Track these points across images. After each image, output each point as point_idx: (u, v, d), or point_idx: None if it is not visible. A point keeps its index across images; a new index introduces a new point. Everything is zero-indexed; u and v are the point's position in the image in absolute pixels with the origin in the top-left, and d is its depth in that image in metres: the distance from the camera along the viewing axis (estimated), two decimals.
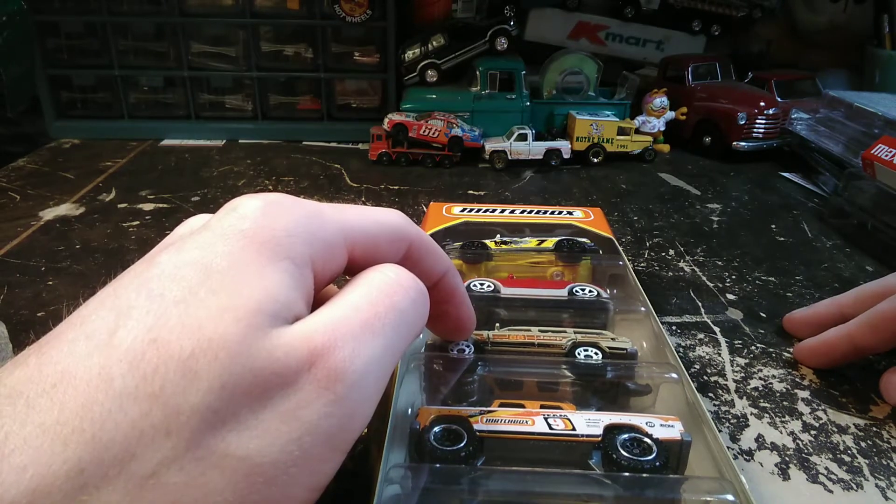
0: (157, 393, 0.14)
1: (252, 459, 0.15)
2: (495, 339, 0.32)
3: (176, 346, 0.15)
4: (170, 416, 0.14)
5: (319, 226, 0.20)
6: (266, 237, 0.18)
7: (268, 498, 0.16)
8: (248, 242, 0.18)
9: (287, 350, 0.16)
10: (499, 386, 0.31)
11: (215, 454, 0.15)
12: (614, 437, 0.25)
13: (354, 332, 0.18)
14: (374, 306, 0.19)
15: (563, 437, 0.25)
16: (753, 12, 0.93)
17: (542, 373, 0.30)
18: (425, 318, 0.22)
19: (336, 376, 0.17)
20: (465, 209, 0.47)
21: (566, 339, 0.32)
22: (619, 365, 0.30)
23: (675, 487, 0.23)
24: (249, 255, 0.17)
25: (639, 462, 0.24)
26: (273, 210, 0.19)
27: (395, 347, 0.20)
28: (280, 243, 0.18)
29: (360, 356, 0.17)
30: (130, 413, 0.14)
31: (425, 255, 0.24)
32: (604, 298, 0.37)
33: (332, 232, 0.20)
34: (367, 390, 0.18)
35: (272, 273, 0.17)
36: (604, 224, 0.46)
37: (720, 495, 0.23)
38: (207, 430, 0.15)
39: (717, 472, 0.24)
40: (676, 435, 0.25)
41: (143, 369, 0.15)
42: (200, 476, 0.15)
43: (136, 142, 0.79)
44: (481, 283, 0.38)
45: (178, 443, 0.14)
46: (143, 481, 0.14)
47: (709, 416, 0.27)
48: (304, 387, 0.16)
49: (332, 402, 0.17)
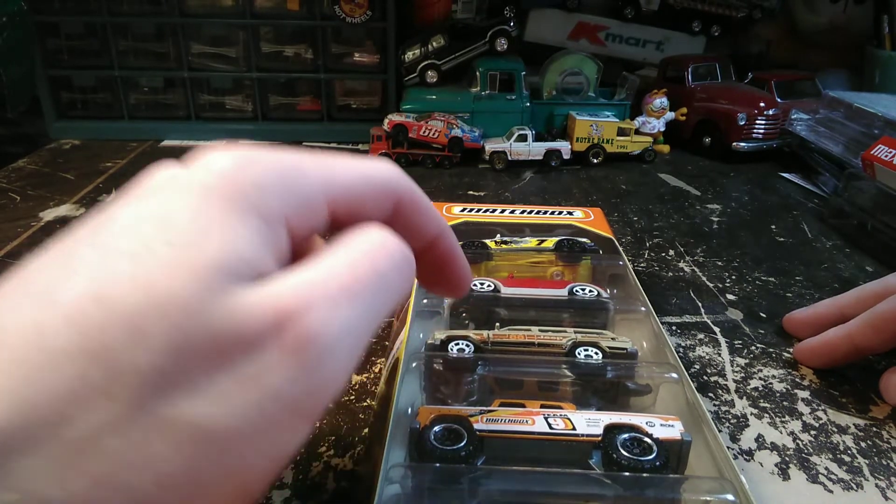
0: (99, 352, 0.13)
1: (204, 425, 0.14)
2: (495, 339, 0.32)
3: (123, 303, 0.14)
4: (112, 377, 0.13)
5: (296, 180, 0.18)
6: (234, 191, 0.17)
7: (222, 466, 0.14)
8: (215, 196, 0.16)
9: (250, 310, 0.15)
10: (499, 385, 0.31)
11: (162, 419, 0.14)
12: (614, 437, 0.25)
13: (330, 294, 0.17)
14: (353, 269, 0.18)
15: (563, 436, 0.25)
16: (753, 13, 0.93)
17: (543, 372, 0.30)
18: (410, 284, 0.21)
19: (306, 341, 0.15)
20: (466, 209, 0.48)
21: (566, 339, 0.32)
22: (619, 365, 0.30)
23: (676, 487, 0.23)
24: (214, 208, 0.16)
25: (639, 462, 0.24)
26: (244, 163, 0.17)
27: (374, 314, 0.18)
28: (249, 198, 0.17)
29: (335, 321, 0.16)
30: (66, 372, 0.13)
31: (416, 213, 0.22)
32: (604, 298, 0.37)
33: (311, 187, 0.19)
34: (340, 358, 0.17)
35: (238, 228, 0.16)
36: (604, 224, 0.46)
37: (720, 495, 0.23)
38: (154, 394, 0.14)
39: (718, 471, 0.25)
40: (676, 435, 0.25)
41: (84, 326, 0.13)
42: (144, 442, 0.13)
43: (137, 142, 0.79)
44: (481, 282, 0.38)
45: (119, 406, 0.13)
46: (78, 446, 0.13)
47: (709, 416, 0.27)
48: (268, 351, 0.15)
49: (299, 368, 0.15)
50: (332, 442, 0.31)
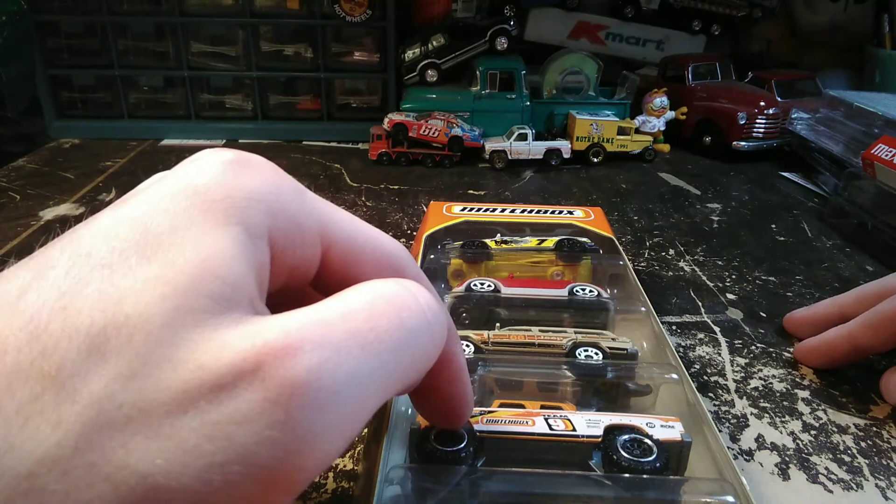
0: (54, 373, 0.12)
1: (156, 479, 0.12)
2: (495, 340, 0.32)
3: (86, 318, 0.12)
4: (62, 402, 0.12)
5: (292, 199, 0.16)
6: (219, 196, 0.15)
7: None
8: (198, 201, 0.15)
9: (225, 343, 0.13)
10: (499, 386, 0.31)
11: (110, 462, 0.12)
12: (615, 438, 0.25)
13: (334, 338, 0.14)
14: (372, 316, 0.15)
15: (563, 437, 0.25)
16: (753, 12, 0.93)
17: (543, 373, 0.30)
18: (438, 352, 0.18)
19: (292, 388, 0.13)
20: (466, 208, 0.47)
21: (566, 340, 0.32)
22: (619, 365, 0.30)
23: (676, 489, 0.23)
24: (195, 215, 0.14)
25: (639, 463, 0.24)
26: (238, 168, 0.16)
27: (393, 375, 0.15)
28: (235, 205, 0.15)
29: (337, 371, 0.13)
30: (18, 394, 0.12)
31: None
32: (604, 298, 0.37)
33: (307, 214, 0.17)
34: (338, 417, 0.13)
35: (217, 239, 0.14)
36: (604, 224, 0.46)
37: (720, 496, 0.23)
38: (106, 429, 0.12)
39: (718, 472, 0.25)
40: (677, 436, 0.25)
41: (44, 342, 0.12)
42: (87, 488, 0.11)
43: (136, 142, 0.79)
44: (481, 282, 0.38)
45: (65, 438, 0.11)
46: (14, 484, 0.11)
47: (709, 417, 0.27)
48: (242, 395, 0.12)
49: (279, 424, 0.12)
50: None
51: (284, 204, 0.16)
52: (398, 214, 0.59)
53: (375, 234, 0.19)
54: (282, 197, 0.16)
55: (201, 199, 0.15)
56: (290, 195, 0.17)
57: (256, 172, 0.16)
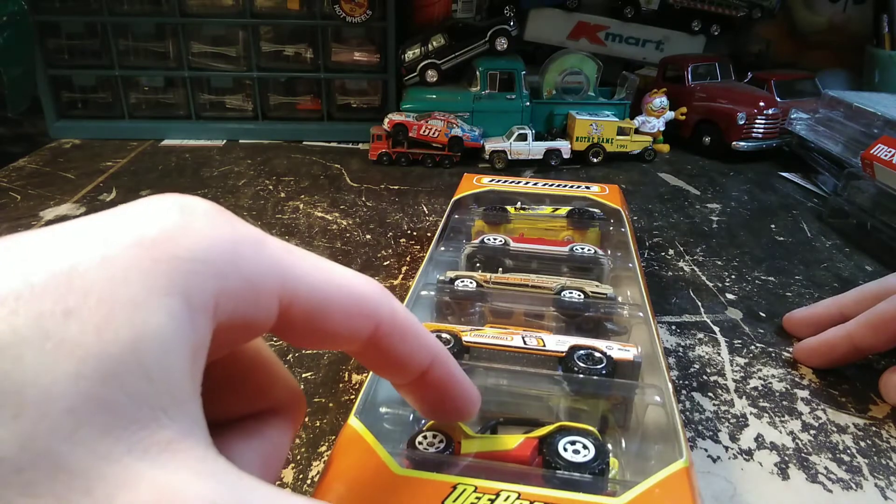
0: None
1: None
2: (496, 280, 0.37)
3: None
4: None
5: (247, 258, 0.15)
6: (165, 255, 0.13)
7: None
8: (143, 257, 0.13)
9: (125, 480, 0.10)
10: (492, 315, 0.36)
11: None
12: (574, 352, 0.29)
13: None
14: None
15: (534, 350, 0.30)
16: (753, 12, 0.93)
17: (531, 309, 0.36)
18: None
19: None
20: (494, 179, 0.53)
21: (556, 284, 0.36)
22: (598, 305, 0.35)
23: (616, 387, 0.28)
24: (129, 275, 0.12)
25: (589, 370, 0.28)
26: (189, 220, 0.14)
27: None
28: (179, 268, 0.13)
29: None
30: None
31: (401, 341, 0.18)
32: (600, 255, 0.41)
33: (264, 271, 0.15)
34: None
35: (153, 315, 0.12)
36: (616, 198, 0.49)
37: (652, 395, 0.27)
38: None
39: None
40: (630, 356, 0.29)
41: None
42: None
43: (137, 142, 0.79)
44: (494, 237, 0.42)
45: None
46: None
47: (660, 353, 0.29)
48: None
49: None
50: (332, 442, 0.31)
51: (238, 263, 0.14)
52: (398, 214, 0.59)
53: (348, 281, 0.17)
54: (236, 255, 0.14)
55: (147, 256, 0.13)
56: (247, 251, 0.15)
57: (211, 226, 0.14)
